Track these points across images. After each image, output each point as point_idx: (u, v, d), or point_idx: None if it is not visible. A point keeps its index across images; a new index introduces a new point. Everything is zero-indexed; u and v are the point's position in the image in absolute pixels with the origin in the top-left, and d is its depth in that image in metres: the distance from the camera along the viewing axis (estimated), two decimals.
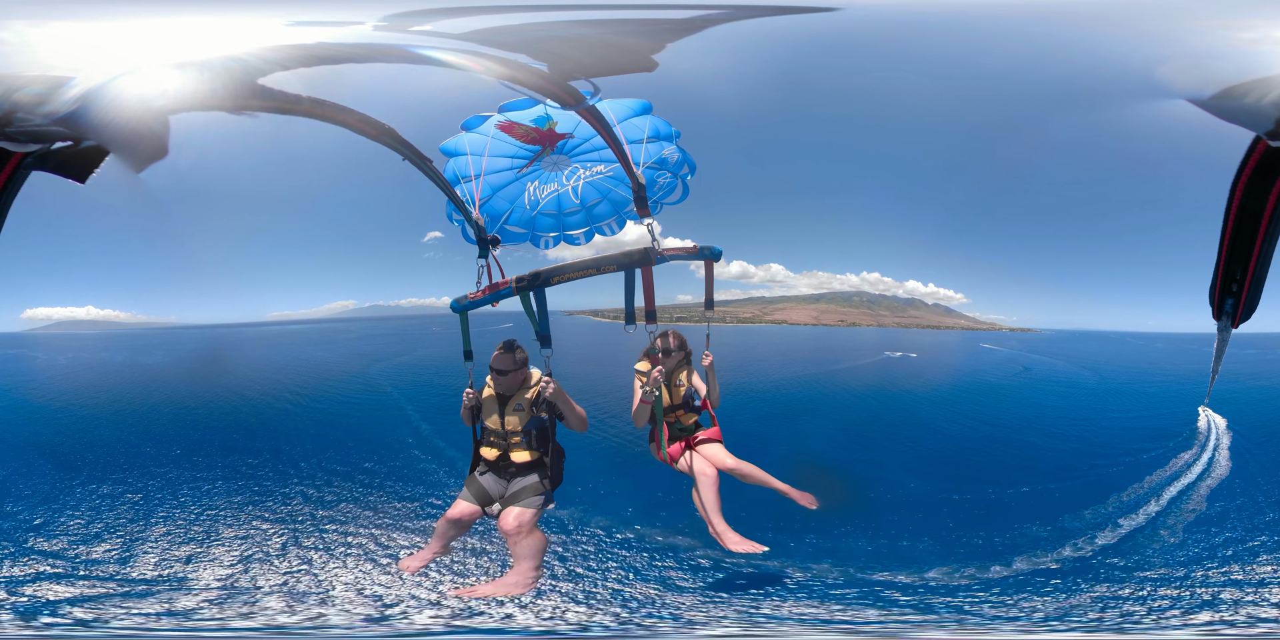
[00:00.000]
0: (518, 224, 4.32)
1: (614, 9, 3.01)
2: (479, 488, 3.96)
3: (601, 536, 7.08)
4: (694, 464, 4.09)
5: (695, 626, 5.15)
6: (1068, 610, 5.36)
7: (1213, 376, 3.68)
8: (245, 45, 2.25)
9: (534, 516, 3.83)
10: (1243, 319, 2.89)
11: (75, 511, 6.98)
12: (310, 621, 4.80)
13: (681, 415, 4.28)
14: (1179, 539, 6.85)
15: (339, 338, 31.65)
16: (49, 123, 1.96)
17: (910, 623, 5.13)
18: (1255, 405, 13.46)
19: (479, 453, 4.05)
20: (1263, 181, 2.27)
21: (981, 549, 6.72)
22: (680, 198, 4.29)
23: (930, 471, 9.80)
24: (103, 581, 5.47)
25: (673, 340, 4.22)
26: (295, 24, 2.52)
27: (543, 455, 3.96)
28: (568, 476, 4.05)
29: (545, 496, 3.94)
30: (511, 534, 3.73)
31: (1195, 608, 5.55)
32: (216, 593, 5.25)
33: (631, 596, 5.68)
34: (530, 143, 4.12)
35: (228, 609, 4.94)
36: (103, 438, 10.29)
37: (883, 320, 44.77)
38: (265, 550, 6.19)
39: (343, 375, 19.26)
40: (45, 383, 17.22)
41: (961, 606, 5.36)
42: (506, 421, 3.94)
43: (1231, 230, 2.54)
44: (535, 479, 3.92)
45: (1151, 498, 8.16)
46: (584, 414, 4.02)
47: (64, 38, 2.30)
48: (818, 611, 5.38)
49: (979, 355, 28.87)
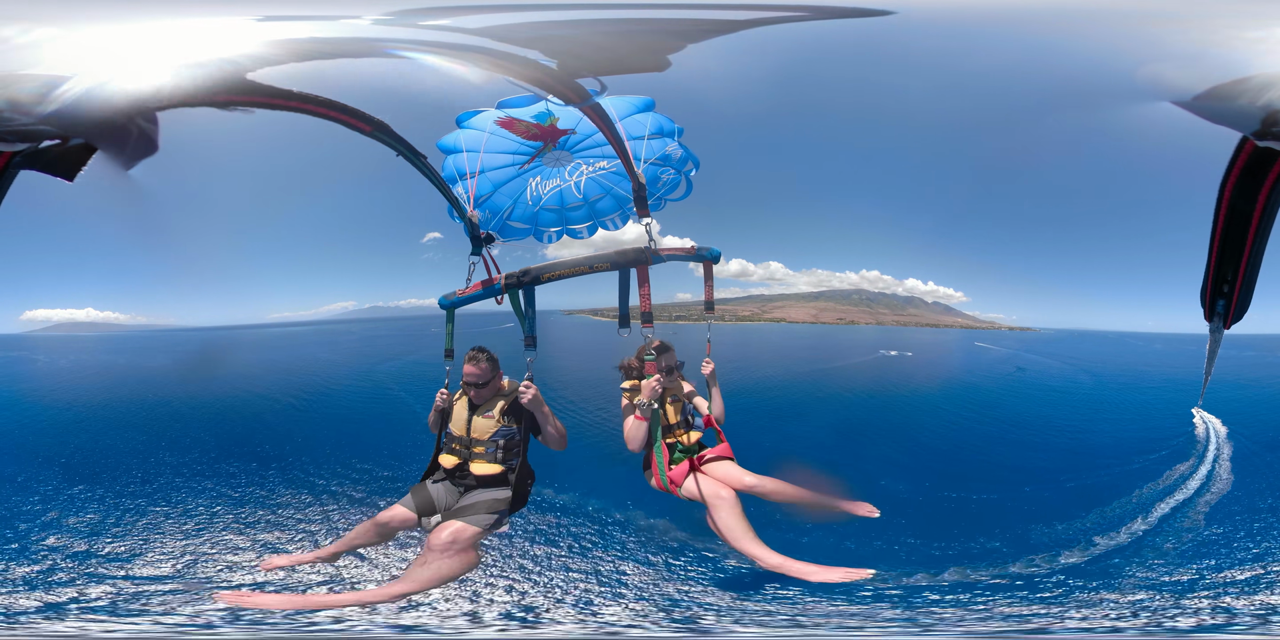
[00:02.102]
0: (520, 219, 4.35)
1: (641, 9, 3.01)
2: (425, 496, 3.56)
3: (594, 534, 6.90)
4: (704, 487, 3.50)
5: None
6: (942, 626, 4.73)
7: (1206, 378, 3.70)
8: (235, 40, 2.26)
9: (475, 536, 3.33)
10: (1235, 320, 2.91)
11: (114, 525, 6.74)
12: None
13: (681, 435, 3.78)
14: (1168, 561, 6.20)
15: (341, 339, 31.55)
16: (38, 120, 1.96)
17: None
18: (1257, 410, 13.02)
19: (436, 459, 3.67)
20: (1251, 182, 2.30)
21: (925, 555, 6.27)
22: (684, 194, 4.31)
23: (902, 473, 9.38)
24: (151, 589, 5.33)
25: (673, 357, 3.85)
26: (293, 18, 2.53)
27: (507, 470, 3.54)
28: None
29: (499, 517, 3.45)
30: (436, 550, 3.21)
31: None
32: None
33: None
34: (532, 139, 4.13)
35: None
36: (115, 444, 10.09)
37: (881, 318, 44.71)
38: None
39: (350, 375, 19.16)
40: (50, 386, 17.11)
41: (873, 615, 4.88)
42: (473, 428, 3.56)
43: (1221, 231, 2.56)
44: (494, 495, 3.48)
45: (1138, 515, 7.52)
46: (563, 429, 3.58)
47: (54, 39, 2.29)
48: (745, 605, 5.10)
49: (973, 354, 28.82)
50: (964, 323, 43.73)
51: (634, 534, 6.89)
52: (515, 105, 3.98)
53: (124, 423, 11.86)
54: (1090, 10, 3.40)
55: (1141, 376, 21.28)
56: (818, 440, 11.88)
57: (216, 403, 13.86)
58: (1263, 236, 2.49)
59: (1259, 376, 17.45)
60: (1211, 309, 2.92)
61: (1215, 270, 2.72)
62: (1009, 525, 7.15)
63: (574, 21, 2.69)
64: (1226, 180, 2.38)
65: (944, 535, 6.75)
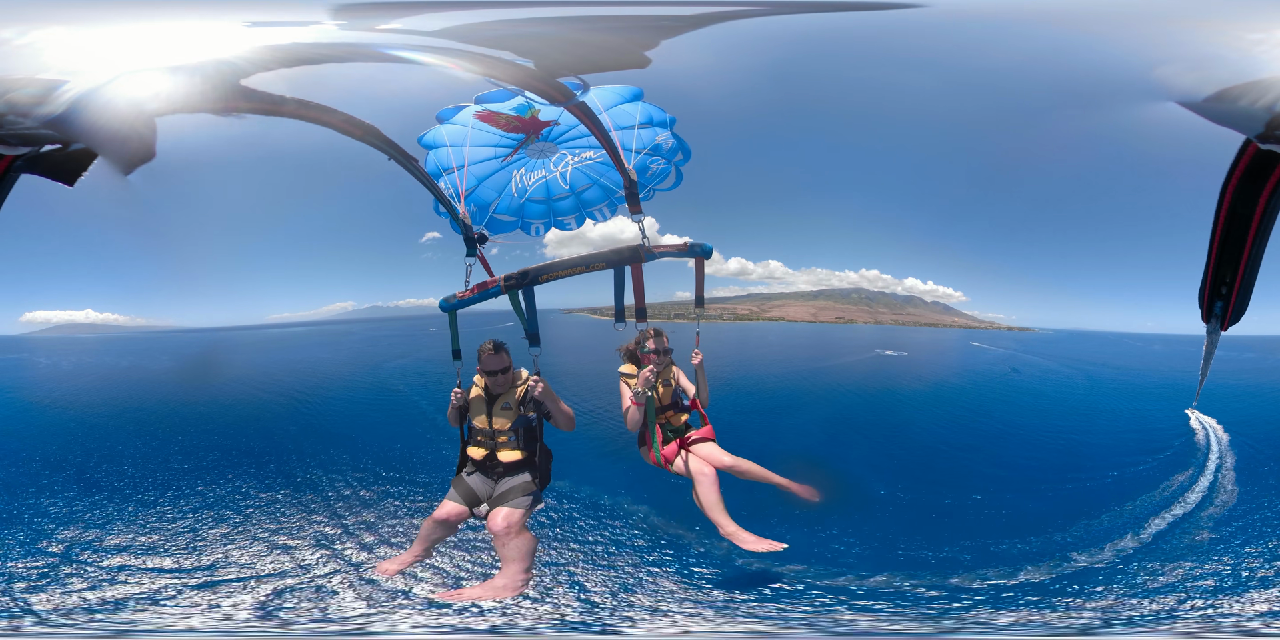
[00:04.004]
0: (506, 212, 4.32)
1: (615, 5, 2.99)
2: (466, 488, 3.92)
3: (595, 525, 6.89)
4: (690, 464, 4.04)
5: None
6: None
7: (1201, 379, 3.69)
8: (228, 48, 2.25)
9: (523, 516, 3.78)
10: (1232, 322, 2.88)
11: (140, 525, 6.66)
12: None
13: (671, 416, 4.25)
14: (1159, 583, 5.55)
15: (343, 340, 31.55)
16: (39, 125, 1.96)
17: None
18: (1258, 413, 12.66)
19: (465, 453, 4.01)
20: (1252, 185, 2.26)
21: (867, 557, 6.01)
22: (674, 184, 4.27)
23: (889, 475, 9.07)
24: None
25: (665, 340, 4.19)
26: (262, 24, 2.51)
27: (530, 455, 3.92)
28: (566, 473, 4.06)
29: (534, 496, 3.89)
30: (500, 534, 3.68)
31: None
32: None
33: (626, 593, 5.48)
34: (512, 131, 4.10)
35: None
36: (127, 449, 9.93)
37: (880, 317, 44.71)
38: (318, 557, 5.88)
39: (355, 375, 19.16)
40: (54, 389, 17.02)
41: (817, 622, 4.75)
42: (494, 421, 3.90)
43: (1221, 233, 2.53)
44: (523, 479, 3.88)
45: (1128, 532, 6.80)
46: (571, 413, 4.01)
47: (52, 42, 2.29)
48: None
49: (968, 354, 28.79)
50: (963, 322, 43.77)
51: (622, 519, 7.03)
52: (493, 100, 3.95)
53: (138, 428, 11.65)
54: (1105, 7, 3.35)
55: (1140, 377, 21.24)
56: (804, 435, 11.77)
57: (231, 406, 13.77)
58: (1262, 239, 2.46)
59: (1259, 381, 17.22)
60: (1209, 310, 2.90)
61: (1214, 272, 2.70)
62: (976, 532, 6.74)
63: (550, 19, 2.66)
64: (1228, 182, 2.35)
65: (906, 537, 6.49)
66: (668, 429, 4.23)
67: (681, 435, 4.22)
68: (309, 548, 6.04)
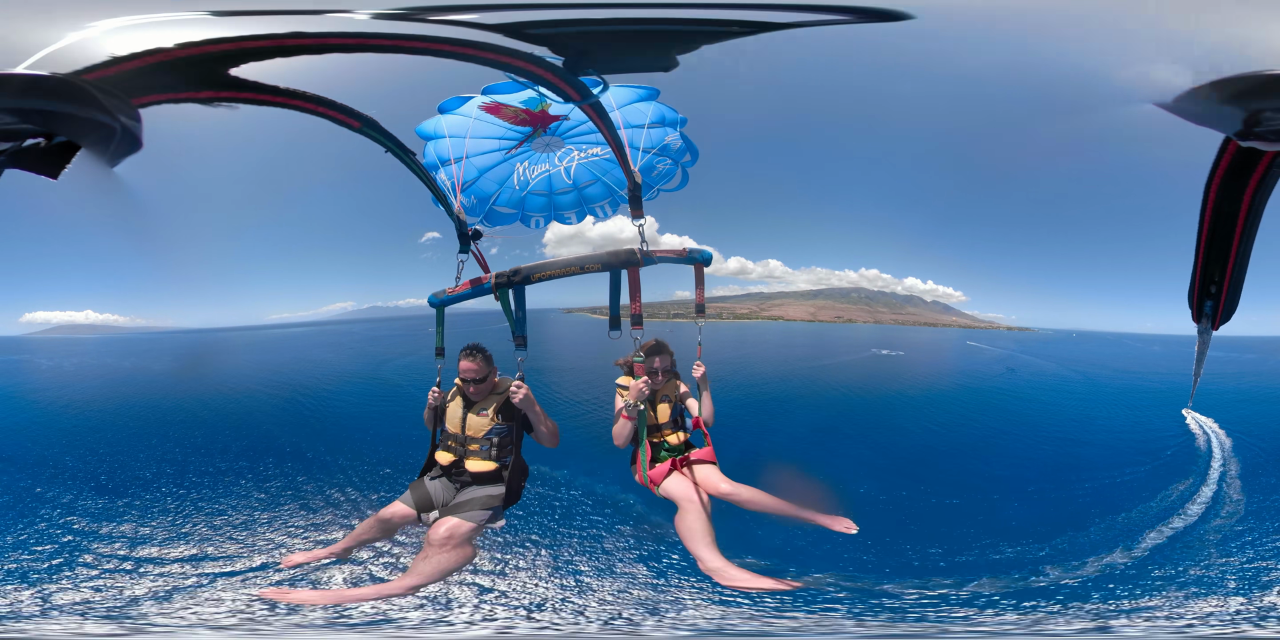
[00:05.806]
0: (506, 204, 4.25)
1: (652, 8, 2.96)
2: (423, 493, 3.64)
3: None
4: (679, 490, 3.55)
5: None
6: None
7: (1195, 380, 3.67)
8: (213, 33, 2.22)
9: (471, 531, 3.44)
10: (1222, 321, 2.89)
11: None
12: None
13: (668, 434, 3.82)
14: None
15: (343, 340, 31.42)
16: (18, 118, 1.94)
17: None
18: (1259, 414, 12.37)
19: (432, 456, 3.76)
20: (1235, 183, 2.27)
21: (851, 561, 5.78)
22: (679, 185, 4.20)
23: (875, 476, 8.84)
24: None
25: (671, 359, 3.84)
26: (291, 13, 2.48)
27: (501, 467, 3.64)
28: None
29: (494, 512, 3.55)
30: (435, 545, 3.34)
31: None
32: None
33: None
34: (519, 124, 4.02)
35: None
36: (135, 453, 9.79)
37: (880, 317, 44.69)
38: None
39: (359, 375, 19.05)
40: (56, 391, 16.89)
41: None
42: (468, 425, 3.65)
43: (1208, 233, 2.53)
44: (489, 491, 3.59)
45: (1119, 546, 6.30)
46: (555, 426, 3.70)
47: (31, 29, 2.27)
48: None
49: (965, 354, 28.68)
50: (963, 322, 43.71)
51: (604, 516, 6.96)
52: (502, 91, 3.86)
53: (141, 430, 11.55)
54: (1088, 11, 3.38)
55: (1138, 378, 21.17)
56: (797, 436, 11.57)
57: (244, 408, 13.68)
58: (1248, 237, 2.47)
59: (1259, 385, 17.03)
60: (1199, 310, 2.89)
61: (1202, 272, 2.70)
62: (958, 535, 6.51)
63: (582, 19, 2.63)
64: (1211, 181, 2.35)
65: (881, 539, 6.25)
66: (662, 448, 3.80)
67: (678, 455, 3.79)
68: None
